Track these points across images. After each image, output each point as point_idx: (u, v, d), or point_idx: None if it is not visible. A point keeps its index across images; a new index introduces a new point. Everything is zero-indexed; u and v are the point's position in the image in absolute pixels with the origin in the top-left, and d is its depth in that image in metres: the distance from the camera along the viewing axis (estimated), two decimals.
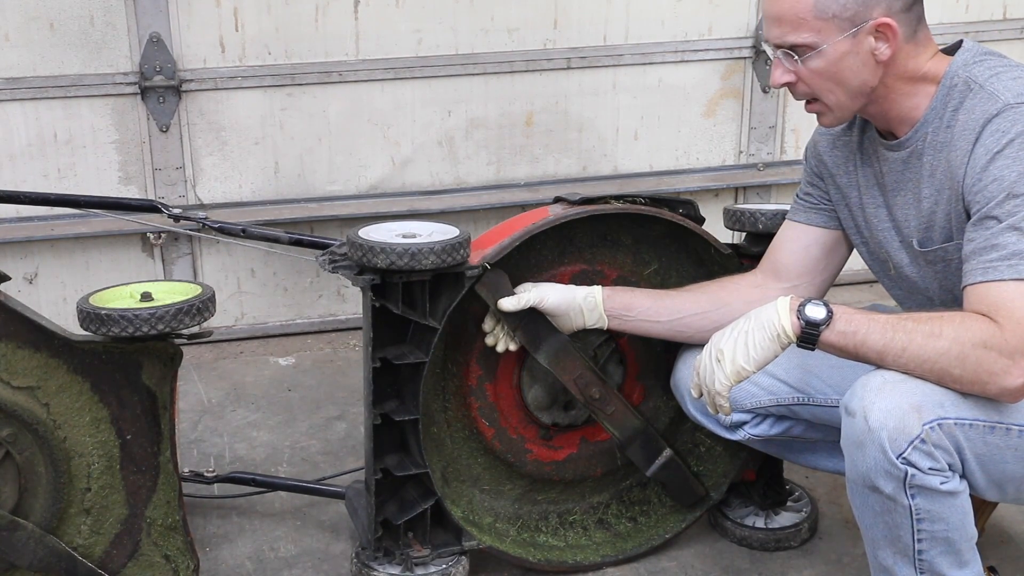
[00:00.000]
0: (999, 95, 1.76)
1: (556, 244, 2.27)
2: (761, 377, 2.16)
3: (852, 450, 1.80)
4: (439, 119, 3.60)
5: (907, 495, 1.75)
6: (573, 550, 2.41)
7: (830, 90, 1.86)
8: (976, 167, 1.75)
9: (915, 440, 1.71)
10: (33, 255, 3.41)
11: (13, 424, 2.02)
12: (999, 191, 1.72)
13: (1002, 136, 1.73)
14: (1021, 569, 2.37)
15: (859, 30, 1.79)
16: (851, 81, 1.84)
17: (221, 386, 3.32)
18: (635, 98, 3.75)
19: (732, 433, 2.23)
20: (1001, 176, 1.72)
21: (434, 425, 2.30)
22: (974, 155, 1.76)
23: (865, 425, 1.75)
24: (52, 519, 2.08)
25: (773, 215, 2.34)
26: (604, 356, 2.37)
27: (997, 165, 1.72)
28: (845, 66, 1.82)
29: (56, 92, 3.29)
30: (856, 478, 1.82)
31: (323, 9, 3.42)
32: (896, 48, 1.81)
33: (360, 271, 2.11)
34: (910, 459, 1.72)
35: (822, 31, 1.80)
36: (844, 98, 1.87)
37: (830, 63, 1.82)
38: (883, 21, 1.79)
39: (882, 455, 1.73)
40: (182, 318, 2.01)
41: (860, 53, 1.81)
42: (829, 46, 1.80)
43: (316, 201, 3.55)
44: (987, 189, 1.73)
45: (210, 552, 2.45)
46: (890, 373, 1.79)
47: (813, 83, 1.86)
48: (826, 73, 1.83)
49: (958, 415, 1.74)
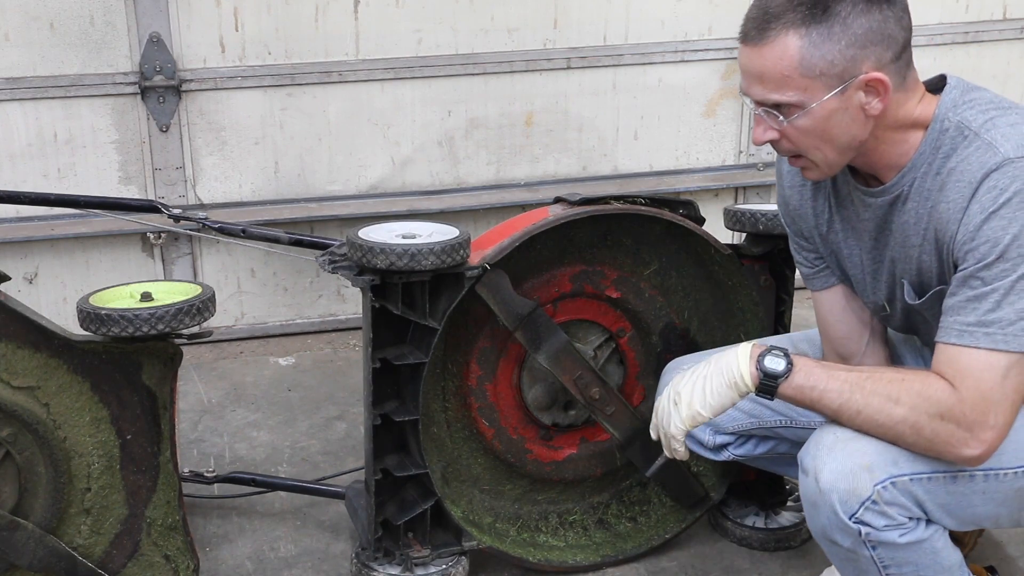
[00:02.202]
0: (998, 147, 1.64)
1: (556, 244, 2.27)
2: (742, 401, 2.14)
3: (807, 508, 1.78)
4: (439, 119, 3.60)
5: (867, 548, 1.73)
6: (573, 550, 2.41)
7: (817, 147, 1.72)
8: (971, 224, 1.64)
9: (866, 501, 1.69)
10: (33, 255, 3.41)
11: (13, 424, 2.02)
12: (990, 252, 1.62)
13: (999, 194, 1.61)
14: (1020, 569, 2.37)
15: (848, 86, 1.65)
16: (840, 138, 1.71)
17: (221, 386, 3.32)
18: (635, 98, 3.75)
19: (716, 454, 2.20)
20: (995, 237, 1.61)
21: (434, 425, 2.30)
22: (969, 211, 1.64)
23: (816, 486, 1.72)
24: (52, 519, 2.08)
25: (773, 215, 2.34)
26: (604, 356, 2.37)
27: (991, 225, 1.61)
28: (833, 123, 1.69)
29: (56, 92, 3.29)
30: (816, 532, 1.80)
31: (323, 9, 3.42)
32: (887, 102, 1.68)
33: (360, 271, 2.11)
34: (863, 519, 1.70)
35: (808, 89, 1.65)
36: (832, 155, 1.73)
37: (817, 121, 1.68)
38: (874, 76, 1.65)
39: (834, 516, 1.71)
40: (182, 318, 2.01)
41: (849, 109, 1.67)
42: (816, 105, 1.66)
43: (316, 201, 3.55)
44: (979, 248, 1.63)
45: (210, 552, 2.45)
46: (843, 429, 1.74)
47: (799, 141, 1.72)
48: (813, 132, 1.70)
49: (914, 470, 1.70)
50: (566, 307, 2.32)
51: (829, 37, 1.63)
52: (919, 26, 4.48)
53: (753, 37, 1.68)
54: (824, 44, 1.63)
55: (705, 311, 2.42)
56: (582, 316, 2.34)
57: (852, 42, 1.63)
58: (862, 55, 1.64)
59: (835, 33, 1.63)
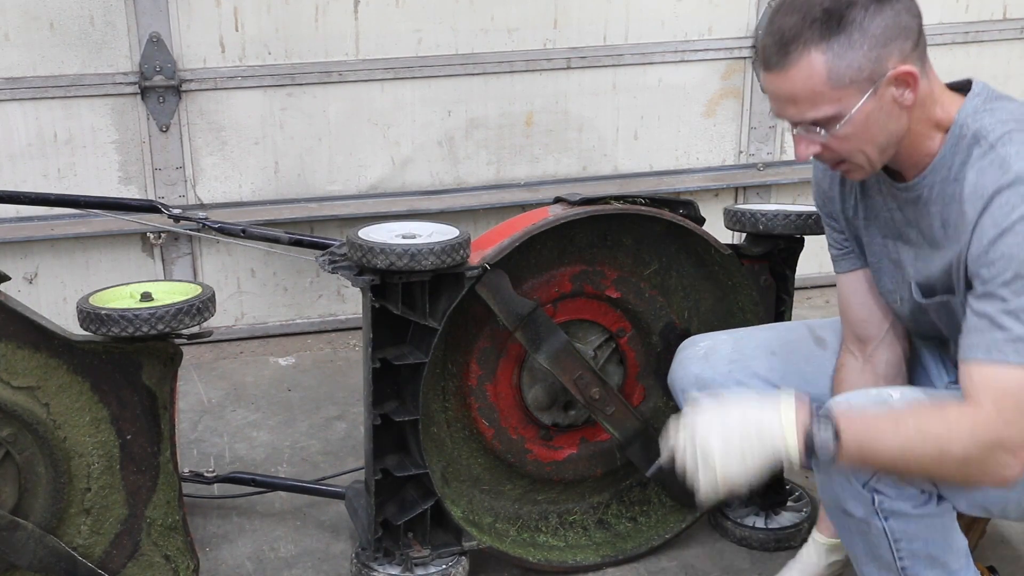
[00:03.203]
0: (1011, 164, 1.63)
1: (556, 244, 2.27)
2: (754, 382, 2.15)
3: (821, 475, 1.79)
4: (439, 119, 3.60)
5: (879, 518, 1.75)
6: (573, 550, 2.41)
7: (860, 150, 1.73)
8: (984, 238, 1.64)
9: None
10: (33, 255, 3.41)
11: (13, 424, 2.02)
12: (1006, 269, 1.61)
13: (1012, 211, 1.61)
14: (1021, 569, 2.37)
15: (879, 85, 1.66)
16: (880, 136, 1.71)
17: (221, 386, 3.32)
18: (635, 98, 3.75)
19: None
20: (1010, 254, 1.61)
21: (434, 425, 2.30)
22: (981, 224, 1.65)
23: None
24: (52, 519, 2.08)
25: (773, 215, 2.34)
26: (604, 356, 2.37)
27: (1007, 242, 1.61)
28: (873, 123, 1.69)
29: (56, 92, 3.29)
30: (828, 502, 1.82)
31: (323, 9, 3.42)
32: (918, 90, 1.68)
33: (360, 272, 2.11)
34: (875, 486, 1.71)
35: (843, 99, 1.66)
36: (875, 154, 1.74)
37: (858, 127, 1.69)
38: (902, 70, 1.65)
39: (847, 482, 1.73)
40: (182, 318, 2.01)
41: (885, 107, 1.68)
42: (855, 111, 1.67)
43: (316, 201, 3.55)
44: (995, 264, 1.63)
45: (210, 552, 2.45)
46: (856, 396, 1.76)
47: (842, 148, 1.73)
48: (856, 137, 1.70)
49: None
50: (566, 307, 2.32)
51: (851, 45, 1.64)
52: None
53: (776, 63, 1.68)
54: (848, 53, 1.64)
55: (705, 311, 2.42)
56: (582, 316, 2.34)
57: (874, 44, 1.64)
58: (886, 53, 1.65)
59: (855, 40, 1.64)
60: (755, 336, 2.24)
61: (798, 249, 2.43)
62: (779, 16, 1.67)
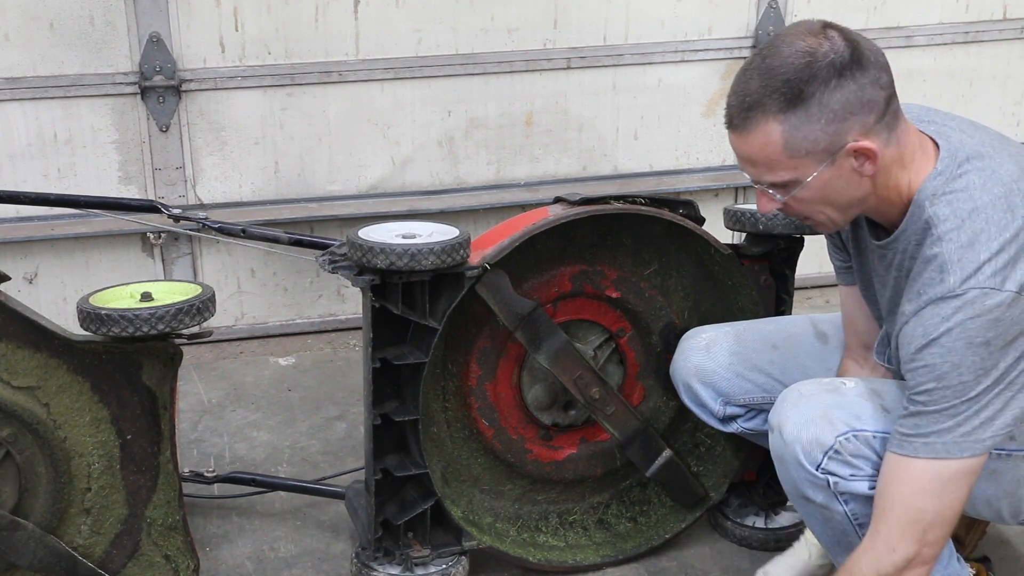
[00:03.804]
0: (948, 273, 1.64)
1: (556, 244, 2.27)
2: (754, 374, 2.17)
3: (777, 465, 1.83)
4: (439, 119, 3.60)
5: (839, 502, 1.77)
6: (573, 550, 2.41)
7: (820, 211, 1.76)
8: (912, 344, 1.67)
9: (829, 451, 1.73)
10: (33, 255, 3.41)
11: (13, 424, 2.02)
12: (929, 379, 1.65)
13: (941, 322, 1.63)
14: (1021, 569, 2.37)
15: (836, 156, 1.66)
16: (840, 200, 1.73)
17: (221, 386, 3.32)
18: (635, 98, 3.75)
19: (725, 426, 2.24)
20: (933, 364, 1.64)
21: (434, 425, 2.30)
22: (912, 328, 1.68)
23: (781, 439, 1.77)
24: (52, 519, 2.08)
25: (773, 215, 2.34)
26: (604, 356, 2.37)
27: (932, 352, 1.64)
28: (831, 190, 1.71)
29: (56, 92, 3.29)
30: (790, 490, 1.84)
31: (323, 9, 3.42)
32: (879, 162, 1.68)
33: (360, 271, 2.11)
34: (828, 469, 1.74)
35: (799, 167, 1.68)
36: (837, 215, 1.76)
37: (815, 192, 1.71)
38: (860, 145, 1.65)
39: (800, 467, 1.76)
40: (182, 318, 2.01)
41: (844, 175, 1.69)
42: (811, 179, 1.68)
43: (316, 201, 3.55)
44: (918, 372, 1.67)
45: (210, 552, 2.45)
46: (807, 385, 1.80)
47: (802, 209, 1.76)
48: (813, 200, 1.73)
49: (875, 428, 1.75)
50: (566, 307, 2.32)
51: (808, 119, 1.64)
52: (919, 26, 4.47)
53: (737, 124, 1.70)
54: (804, 126, 1.64)
55: (705, 311, 2.42)
56: (582, 316, 2.34)
57: (832, 118, 1.64)
58: (845, 127, 1.65)
59: (813, 114, 1.63)
60: (757, 329, 2.26)
61: (798, 249, 2.43)
62: (745, 77, 1.69)
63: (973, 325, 1.61)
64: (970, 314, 1.61)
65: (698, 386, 2.22)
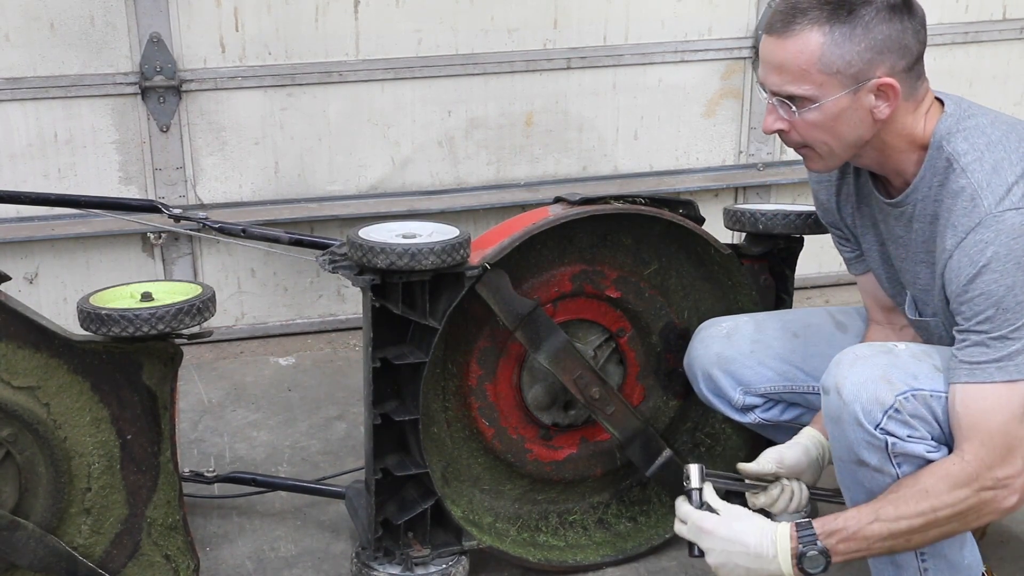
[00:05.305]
0: (981, 199, 1.71)
1: (556, 244, 2.27)
2: (776, 363, 2.19)
3: (832, 427, 1.82)
4: (439, 119, 3.60)
5: (893, 464, 1.76)
6: (573, 550, 2.41)
7: (823, 141, 1.81)
8: (961, 276, 1.72)
9: (889, 410, 1.73)
10: (33, 255, 3.41)
11: (13, 424, 2.02)
12: (988, 306, 1.69)
13: (985, 247, 1.69)
14: (1021, 569, 2.37)
15: (860, 87, 1.74)
16: (846, 135, 1.79)
17: (221, 386, 3.32)
18: (635, 98, 3.75)
19: (743, 416, 2.25)
20: (988, 291, 1.69)
21: (434, 425, 2.30)
22: (958, 260, 1.72)
23: (839, 400, 1.77)
24: (52, 519, 2.08)
25: (773, 215, 2.34)
26: (604, 356, 2.37)
27: (984, 279, 1.69)
28: (841, 121, 1.77)
29: (56, 92, 3.29)
30: (842, 454, 1.83)
31: (323, 9, 3.42)
32: (895, 108, 1.76)
33: (360, 271, 2.11)
34: (888, 428, 1.74)
35: (824, 85, 1.74)
36: (837, 148, 1.82)
37: (827, 117, 1.77)
38: (886, 81, 1.73)
39: (859, 427, 1.75)
40: (182, 318, 2.02)
41: (859, 110, 1.76)
42: (829, 101, 1.75)
43: (316, 201, 3.55)
44: (974, 302, 1.71)
45: (210, 552, 2.45)
46: (861, 347, 1.81)
47: (806, 133, 1.81)
48: (821, 126, 1.79)
49: (933, 387, 1.76)
50: (566, 307, 2.32)
51: (851, 38, 1.71)
52: None
53: (778, 29, 1.76)
54: (845, 44, 1.72)
55: (705, 311, 2.42)
56: (582, 316, 2.34)
57: (871, 46, 1.72)
58: (878, 60, 1.72)
59: (856, 35, 1.71)
60: (776, 319, 2.28)
61: (798, 249, 2.43)
62: None
63: (1017, 245, 1.67)
64: (1013, 235, 1.67)
65: (719, 374, 2.22)
